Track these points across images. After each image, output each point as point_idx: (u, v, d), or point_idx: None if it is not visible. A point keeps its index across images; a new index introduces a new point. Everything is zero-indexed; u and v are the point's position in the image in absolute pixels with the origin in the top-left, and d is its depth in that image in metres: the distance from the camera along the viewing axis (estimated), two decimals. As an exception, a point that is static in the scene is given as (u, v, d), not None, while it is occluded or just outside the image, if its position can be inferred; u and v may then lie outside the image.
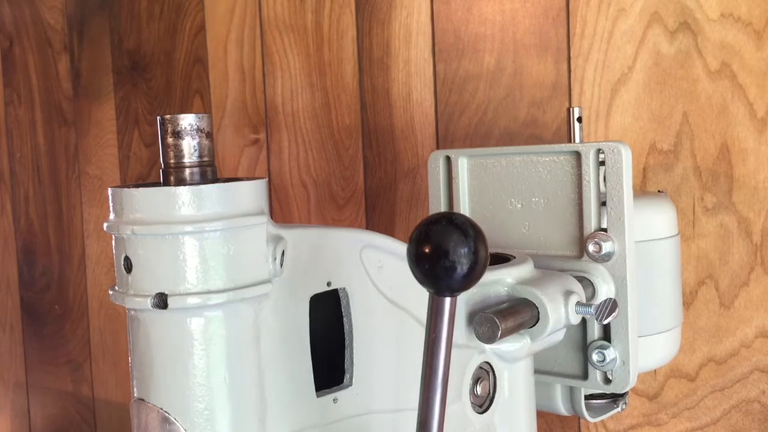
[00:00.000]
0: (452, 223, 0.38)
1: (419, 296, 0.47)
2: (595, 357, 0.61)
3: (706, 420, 0.78)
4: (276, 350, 0.44)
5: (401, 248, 0.50)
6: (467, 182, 0.67)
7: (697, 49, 0.76)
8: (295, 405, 0.45)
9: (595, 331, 0.62)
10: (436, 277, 0.38)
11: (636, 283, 0.60)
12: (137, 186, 0.42)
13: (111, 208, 0.43)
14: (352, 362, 0.48)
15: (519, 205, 0.65)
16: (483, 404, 0.56)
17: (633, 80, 0.79)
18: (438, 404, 0.41)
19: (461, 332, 0.53)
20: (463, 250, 0.37)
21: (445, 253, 0.37)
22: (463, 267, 0.38)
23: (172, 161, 0.42)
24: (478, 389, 0.55)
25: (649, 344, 0.65)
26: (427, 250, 0.38)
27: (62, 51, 1.34)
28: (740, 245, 0.75)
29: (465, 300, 0.54)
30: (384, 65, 0.96)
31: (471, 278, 0.38)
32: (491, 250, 0.43)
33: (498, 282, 0.55)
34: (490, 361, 0.55)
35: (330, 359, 0.48)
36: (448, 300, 0.40)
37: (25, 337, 1.48)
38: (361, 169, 0.99)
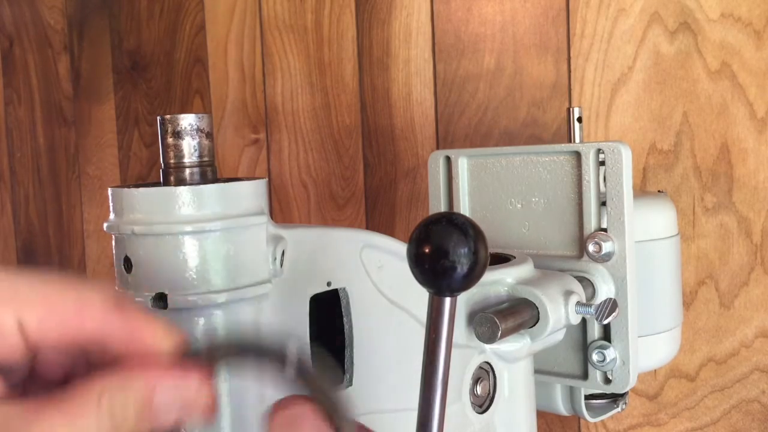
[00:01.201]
0: (452, 223, 0.38)
1: (419, 296, 0.47)
2: (595, 357, 0.61)
3: (706, 420, 0.78)
4: (276, 350, 0.44)
5: (401, 248, 0.50)
6: (467, 182, 0.67)
7: (697, 49, 0.76)
8: (295, 405, 0.45)
9: (595, 331, 0.62)
10: (436, 277, 0.38)
11: (636, 283, 0.60)
12: (137, 186, 0.42)
13: (111, 208, 0.43)
14: (352, 362, 0.48)
15: (519, 205, 0.65)
16: (483, 404, 0.56)
17: (633, 80, 0.79)
18: (438, 404, 0.41)
19: (461, 332, 0.53)
20: (463, 250, 0.37)
21: (445, 253, 0.37)
22: (463, 267, 0.37)
23: (172, 161, 0.42)
24: (478, 389, 0.55)
25: (649, 344, 0.65)
26: (427, 250, 0.38)
27: (62, 51, 1.34)
28: (740, 245, 0.75)
29: (465, 300, 0.54)
30: (384, 65, 0.96)
31: (471, 278, 0.38)
32: (491, 250, 0.43)
33: (498, 282, 0.55)
34: (490, 361, 0.55)
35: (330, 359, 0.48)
36: (448, 300, 0.40)
37: (25, 337, 1.48)
38: (361, 169, 0.99)
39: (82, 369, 0.30)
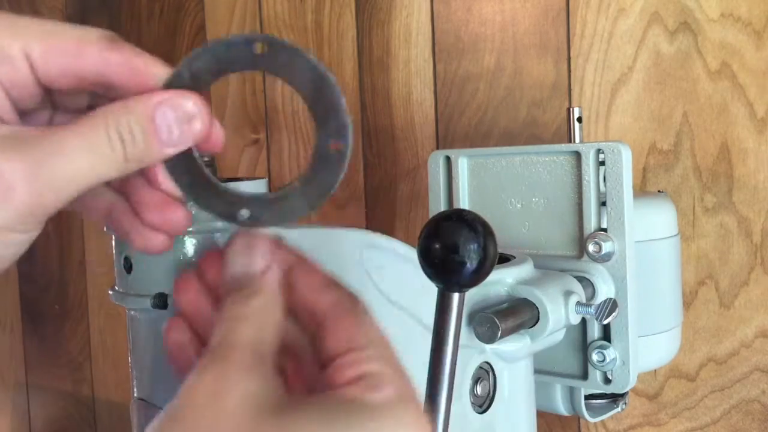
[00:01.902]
0: (462, 220, 0.38)
1: (420, 297, 0.47)
2: (595, 357, 0.61)
3: (706, 420, 0.78)
4: (276, 350, 0.44)
5: (402, 249, 0.50)
6: (467, 182, 0.67)
7: (697, 49, 0.76)
8: (296, 405, 0.45)
9: (595, 331, 0.62)
10: (446, 272, 0.39)
11: (636, 283, 0.60)
12: (137, 186, 0.42)
13: (111, 208, 0.43)
14: (352, 362, 0.48)
15: (519, 205, 0.65)
16: (483, 404, 0.56)
17: (633, 80, 0.79)
18: (444, 398, 0.41)
19: (461, 332, 0.53)
20: (473, 246, 0.38)
21: (454, 249, 0.38)
22: (472, 263, 0.38)
23: (172, 161, 0.42)
24: (478, 389, 0.55)
25: (649, 344, 0.65)
26: (437, 246, 0.38)
27: (62, 51, 1.34)
28: (740, 245, 0.75)
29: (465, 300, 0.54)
30: (384, 65, 0.96)
31: (480, 274, 0.38)
32: (491, 250, 0.43)
33: (498, 282, 0.55)
34: (490, 361, 0.55)
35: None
36: (456, 296, 0.40)
37: (25, 337, 1.48)
38: (361, 169, 0.99)
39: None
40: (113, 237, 0.43)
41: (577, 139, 0.67)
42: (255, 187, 0.44)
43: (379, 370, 0.30)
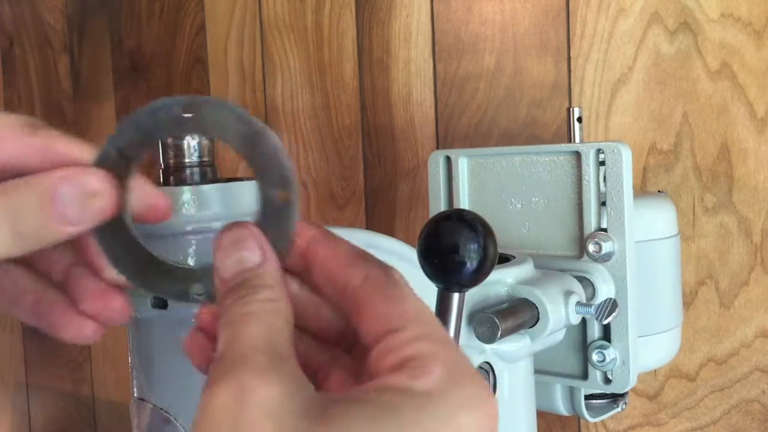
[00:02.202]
0: (462, 220, 0.38)
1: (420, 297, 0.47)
2: (595, 357, 0.61)
3: (706, 420, 0.78)
4: (276, 350, 0.44)
5: (402, 248, 0.50)
6: (467, 182, 0.67)
7: (697, 49, 0.76)
8: (295, 405, 0.45)
9: (595, 331, 0.62)
10: (446, 272, 0.39)
11: (636, 283, 0.60)
12: (137, 186, 0.42)
13: (111, 208, 0.43)
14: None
15: (519, 205, 0.65)
16: (483, 404, 0.56)
17: (633, 80, 0.79)
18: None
19: (461, 332, 0.53)
20: (473, 246, 0.38)
21: (455, 249, 0.38)
22: (472, 263, 0.38)
23: (172, 161, 0.42)
24: (478, 389, 0.55)
25: (649, 344, 0.65)
26: (437, 246, 0.38)
27: (62, 51, 1.34)
28: (740, 245, 0.75)
29: (465, 300, 0.54)
30: (384, 65, 0.96)
31: (480, 274, 0.39)
32: (491, 250, 0.43)
33: (498, 282, 0.55)
34: (490, 361, 0.55)
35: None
36: (456, 295, 0.40)
37: (25, 337, 1.48)
38: (361, 169, 0.99)
39: None
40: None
41: (577, 139, 0.67)
42: (255, 187, 0.44)
43: (423, 350, 0.26)
